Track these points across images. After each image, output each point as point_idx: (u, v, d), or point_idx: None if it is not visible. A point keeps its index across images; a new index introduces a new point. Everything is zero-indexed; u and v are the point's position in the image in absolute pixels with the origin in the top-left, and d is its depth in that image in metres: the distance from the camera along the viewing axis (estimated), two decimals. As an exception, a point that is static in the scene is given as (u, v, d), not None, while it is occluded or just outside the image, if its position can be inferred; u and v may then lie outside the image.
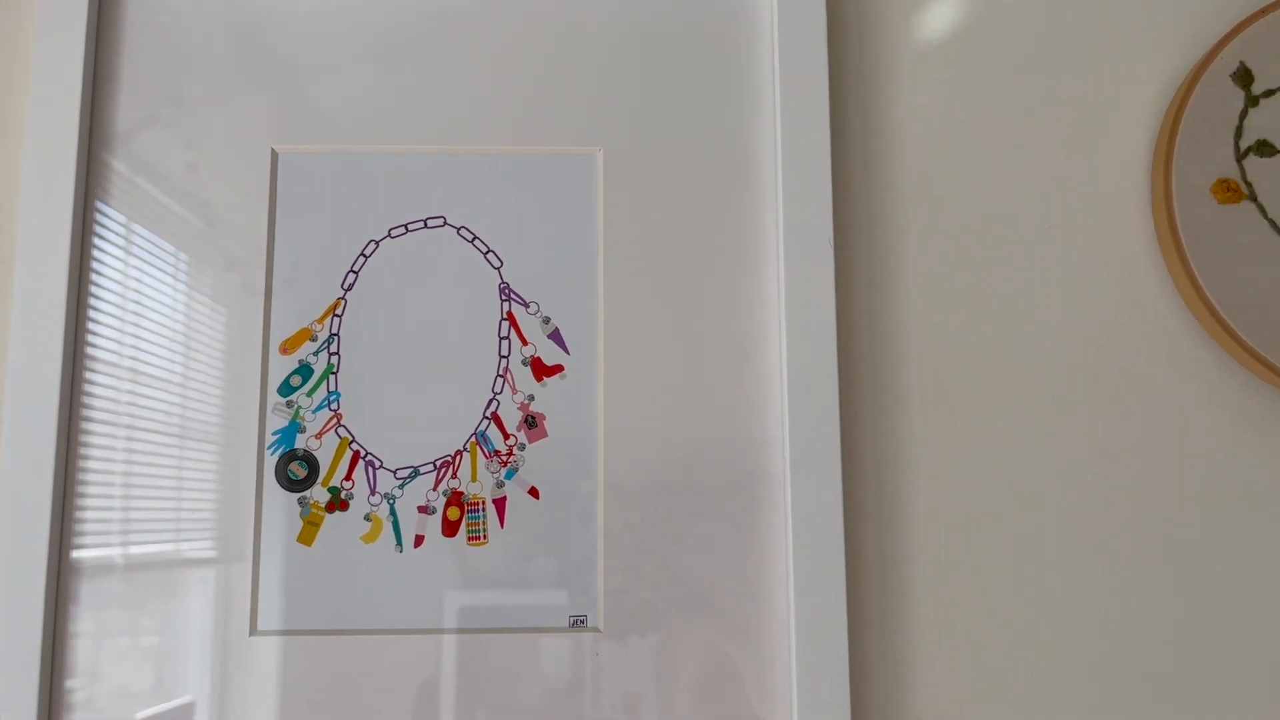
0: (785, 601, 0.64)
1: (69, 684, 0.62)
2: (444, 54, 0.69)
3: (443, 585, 0.64)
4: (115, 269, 0.65)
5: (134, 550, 0.63)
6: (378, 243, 0.67)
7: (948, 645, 0.66)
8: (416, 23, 0.69)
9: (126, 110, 0.67)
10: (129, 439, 0.64)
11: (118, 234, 0.66)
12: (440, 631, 0.63)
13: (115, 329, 0.65)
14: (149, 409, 0.64)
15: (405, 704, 0.63)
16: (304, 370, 0.66)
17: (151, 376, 0.65)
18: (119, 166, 0.66)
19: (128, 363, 0.65)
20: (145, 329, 0.65)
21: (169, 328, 0.65)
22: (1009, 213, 0.70)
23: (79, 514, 0.63)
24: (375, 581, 0.64)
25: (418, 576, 0.64)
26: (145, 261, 0.66)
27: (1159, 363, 0.69)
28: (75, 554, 0.63)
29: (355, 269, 0.67)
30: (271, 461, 0.65)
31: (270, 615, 0.63)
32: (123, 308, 0.65)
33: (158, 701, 0.62)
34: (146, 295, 0.65)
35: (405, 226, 0.67)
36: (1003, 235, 0.70)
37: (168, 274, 0.66)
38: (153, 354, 0.65)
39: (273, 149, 0.67)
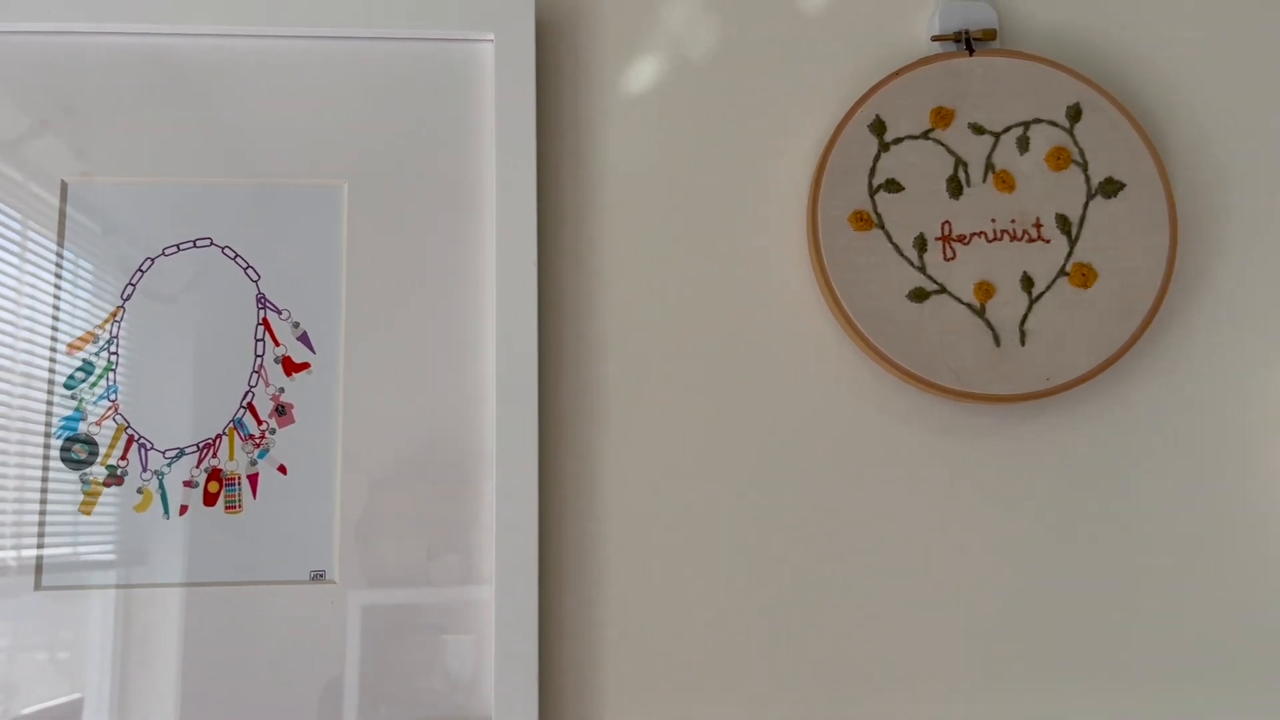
0: (490, 573, 0.77)
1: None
2: (214, 99, 0.81)
3: (203, 546, 0.76)
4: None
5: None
6: (153, 260, 0.79)
7: (635, 625, 0.80)
8: (193, 71, 0.81)
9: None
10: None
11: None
12: (201, 585, 0.76)
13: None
14: (-51, 401, 0.76)
15: (169, 648, 0.75)
16: (87, 367, 0.77)
17: (-49, 373, 0.76)
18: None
19: (-70, 361, 0.76)
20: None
21: (-33, 331, 0.77)
22: (695, 239, 0.85)
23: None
24: (145, 544, 0.76)
25: (182, 539, 0.76)
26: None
27: (813, 362, 0.84)
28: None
29: (133, 282, 0.79)
30: (57, 444, 0.76)
31: (53, 574, 0.75)
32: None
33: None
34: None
35: (177, 246, 0.79)
36: (689, 258, 0.85)
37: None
38: (-48, 354, 0.76)
39: (62, 180, 0.79)
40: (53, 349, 0.77)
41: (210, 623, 0.75)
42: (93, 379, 0.77)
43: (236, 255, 0.80)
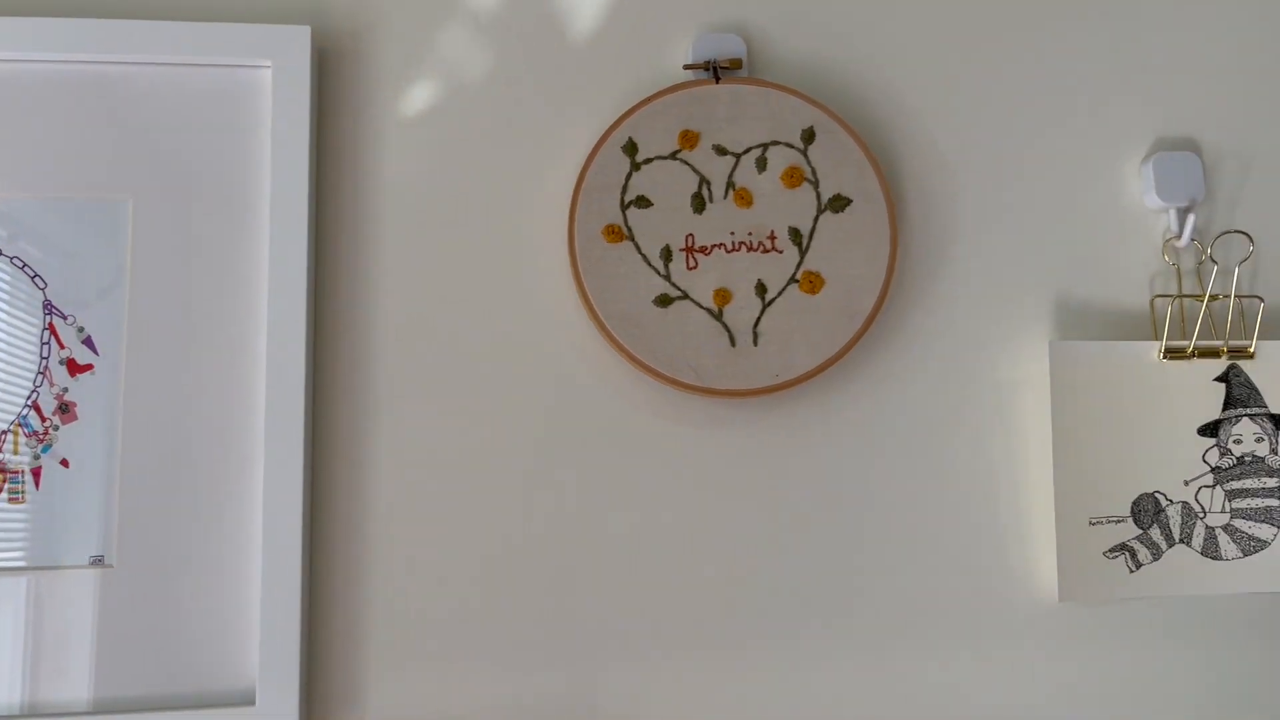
0: (257, 564, 0.84)
1: None
2: (6, 119, 0.87)
3: (-13, 535, 0.83)
4: None
5: None
6: (-58, 270, 0.85)
7: (401, 606, 0.87)
8: (-12, 95, 0.87)
9: None
10: None
11: None
12: (-15, 571, 0.82)
13: None
14: None
15: (-44, 628, 0.81)
16: (-122, 370, 0.83)
17: None
18: None
19: None
20: None
21: None
22: (466, 252, 0.93)
23: None
24: (-68, 534, 0.82)
25: (-33, 529, 0.82)
26: None
27: (573, 363, 0.92)
28: None
29: (-76, 290, 0.85)
30: None
31: None
32: None
33: None
34: None
35: (-35, 256, 0.86)
36: (460, 270, 0.92)
37: None
38: None
39: None
40: None
41: (-6, 605, 0.82)
42: (-116, 381, 0.83)
43: (25, 265, 0.86)
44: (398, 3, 0.95)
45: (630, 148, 0.93)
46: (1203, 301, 0.97)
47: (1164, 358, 0.95)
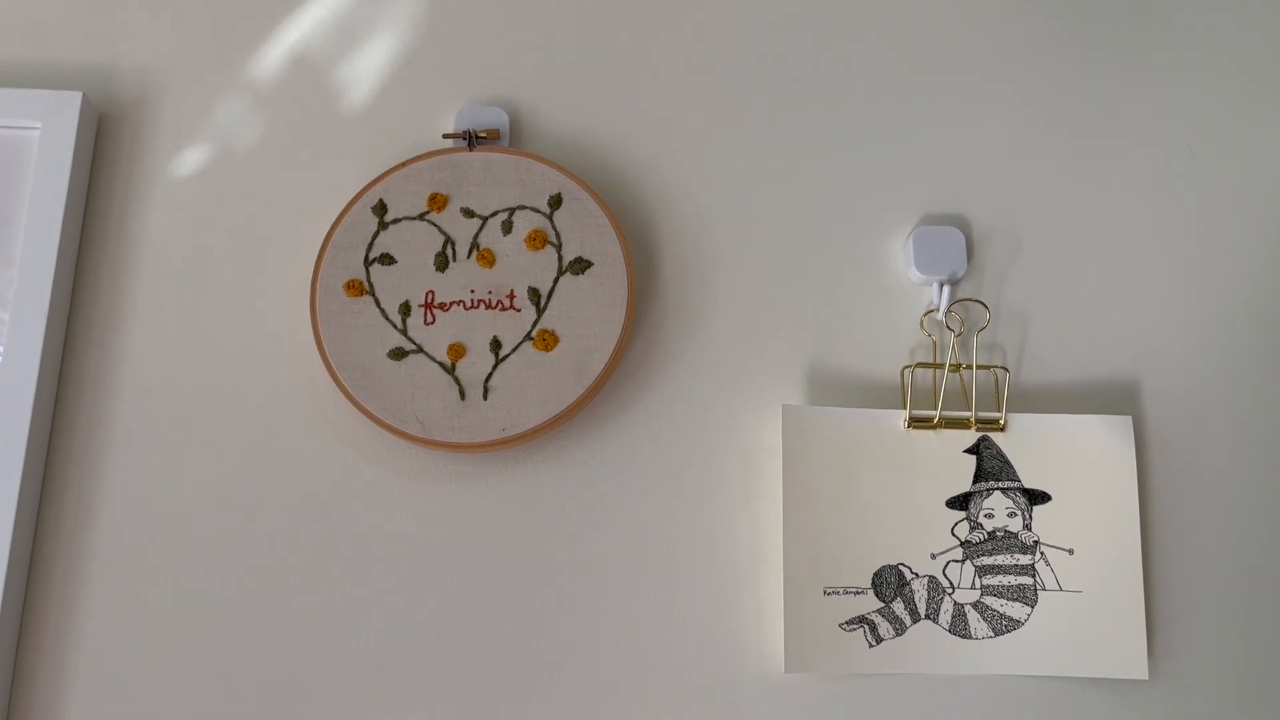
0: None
1: None
2: None
3: None
4: None
5: None
6: None
7: (116, 649, 0.88)
8: None
9: None
10: None
11: None
12: None
13: None
14: None
15: None
16: None
17: None
18: None
19: None
20: None
21: None
22: (221, 307, 0.96)
23: None
24: None
25: None
26: None
27: (311, 413, 0.94)
28: None
29: None
30: None
31: None
32: None
33: None
34: None
35: None
36: (213, 322, 0.95)
37: None
38: None
39: None
40: None
41: None
42: None
43: None
44: (183, 73, 1.02)
45: (380, 208, 0.96)
46: (945, 370, 0.96)
47: (910, 427, 0.94)
